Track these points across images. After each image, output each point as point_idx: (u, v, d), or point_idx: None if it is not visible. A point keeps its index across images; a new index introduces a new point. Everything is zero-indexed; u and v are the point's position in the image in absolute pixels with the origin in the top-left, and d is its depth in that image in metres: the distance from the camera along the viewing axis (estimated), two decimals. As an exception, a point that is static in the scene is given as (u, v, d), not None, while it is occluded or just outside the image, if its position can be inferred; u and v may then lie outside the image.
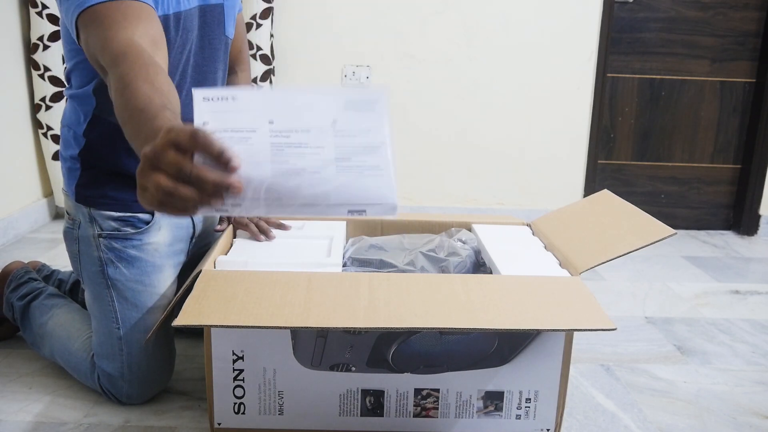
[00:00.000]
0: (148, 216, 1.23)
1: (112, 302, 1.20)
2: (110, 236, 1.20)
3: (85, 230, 1.22)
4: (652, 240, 1.14)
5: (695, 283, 2.04)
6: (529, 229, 1.45)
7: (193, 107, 0.68)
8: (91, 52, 0.96)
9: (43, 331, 1.33)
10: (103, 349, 1.22)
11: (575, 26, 2.42)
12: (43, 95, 2.29)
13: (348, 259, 1.29)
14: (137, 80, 0.82)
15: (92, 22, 0.95)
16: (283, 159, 0.67)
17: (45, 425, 1.18)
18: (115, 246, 1.20)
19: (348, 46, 2.42)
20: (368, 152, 0.69)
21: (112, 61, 0.89)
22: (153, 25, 0.98)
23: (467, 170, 2.56)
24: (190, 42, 1.18)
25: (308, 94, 0.70)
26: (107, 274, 1.20)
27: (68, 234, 1.26)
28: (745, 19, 2.46)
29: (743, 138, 2.57)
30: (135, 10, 0.96)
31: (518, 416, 1.15)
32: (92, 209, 1.21)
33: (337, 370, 1.11)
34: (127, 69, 0.85)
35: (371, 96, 0.70)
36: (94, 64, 0.97)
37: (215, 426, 1.13)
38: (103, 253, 1.21)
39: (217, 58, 1.25)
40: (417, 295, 1.03)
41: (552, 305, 1.02)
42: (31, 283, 1.42)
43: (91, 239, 1.21)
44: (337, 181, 0.68)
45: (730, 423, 1.27)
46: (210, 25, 1.20)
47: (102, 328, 1.21)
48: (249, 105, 0.69)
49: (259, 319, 0.95)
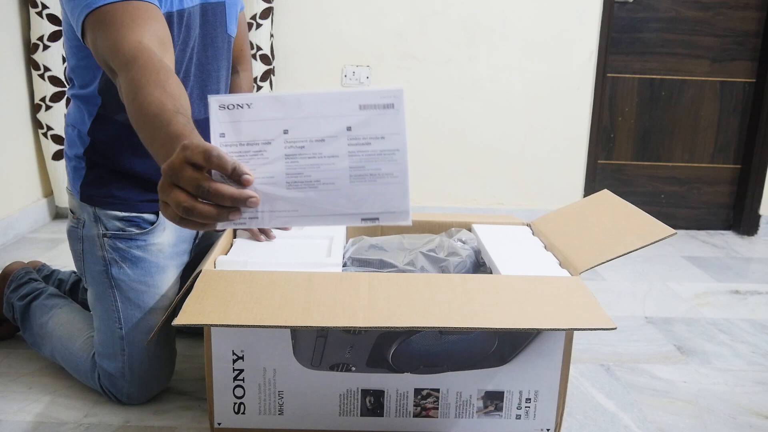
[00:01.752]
0: (153, 217, 1.23)
1: (115, 302, 1.21)
2: (115, 236, 1.20)
3: (89, 229, 1.22)
4: (652, 240, 1.14)
5: (695, 283, 2.04)
6: (529, 229, 1.45)
7: (210, 115, 0.69)
8: (100, 54, 0.96)
9: (44, 331, 1.33)
10: (105, 348, 1.22)
11: (575, 26, 2.42)
12: (43, 95, 2.29)
13: (348, 259, 1.29)
14: (149, 85, 0.84)
15: (100, 24, 0.95)
16: (297, 171, 0.69)
17: (45, 425, 1.18)
18: (120, 246, 1.20)
19: (348, 46, 2.42)
20: (384, 159, 0.70)
21: (123, 65, 0.89)
22: (160, 26, 0.98)
23: (467, 170, 2.56)
24: (193, 40, 1.18)
25: (323, 98, 0.70)
26: (111, 274, 1.20)
27: (72, 233, 1.26)
28: (745, 19, 2.46)
29: (743, 138, 2.57)
30: (142, 10, 0.97)
31: (518, 416, 1.15)
32: (97, 208, 1.21)
33: (337, 370, 1.11)
34: (138, 74, 0.86)
35: (387, 98, 0.69)
36: (103, 65, 0.97)
37: (215, 426, 1.13)
38: (107, 253, 1.21)
39: (220, 56, 1.25)
40: (417, 295, 1.03)
41: (552, 305, 1.02)
42: (31, 283, 1.42)
43: (96, 239, 1.21)
44: (350, 190, 0.69)
45: (730, 423, 1.27)
46: (212, 23, 1.20)
47: (104, 327, 1.21)
48: (264, 113, 0.70)
49: (259, 319, 0.95)
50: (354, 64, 2.44)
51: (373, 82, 2.45)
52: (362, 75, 2.44)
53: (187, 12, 1.13)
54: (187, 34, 1.15)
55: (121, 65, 0.90)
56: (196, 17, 1.16)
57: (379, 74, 2.44)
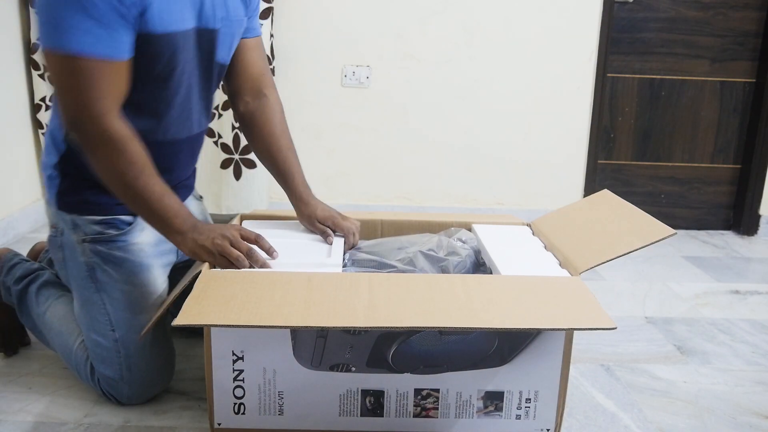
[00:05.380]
0: (130, 218, 1.22)
1: (104, 305, 1.20)
2: (94, 240, 1.20)
3: (68, 237, 1.22)
4: (652, 240, 1.14)
5: (695, 283, 2.04)
6: (529, 229, 1.45)
7: None
8: (64, 98, 1.05)
9: (42, 322, 1.32)
10: (100, 354, 1.21)
11: (575, 26, 2.42)
12: (43, 95, 2.29)
13: (348, 259, 1.29)
14: (130, 171, 1.07)
15: (66, 71, 1.02)
16: None
17: (45, 425, 1.18)
18: (100, 249, 1.20)
19: (348, 46, 2.42)
20: None
21: (90, 139, 1.07)
22: (121, 81, 1.07)
23: (467, 170, 2.56)
24: (189, 63, 1.17)
25: None
26: (95, 277, 1.20)
27: (52, 242, 1.26)
28: (745, 19, 2.46)
29: (743, 138, 2.57)
30: (106, 72, 1.03)
31: (518, 416, 1.15)
32: (74, 216, 1.20)
33: (337, 370, 1.11)
34: (115, 158, 1.07)
35: None
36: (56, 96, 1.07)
37: (215, 426, 1.13)
38: (88, 258, 1.20)
39: (211, 80, 1.25)
40: (417, 295, 1.03)
41: (552, 305, 1.02)
42: (23, 264, 1.40)
43: (76, 245, 1.21)
44: None
45: (730, 423, 1.27)
46: (204, 49, 1.19)
47: (95, 333, 1.20)
48: None
49: (259, 319, 0.95)
50: (354, 64, 2.43)
51: (373, 82, 2.45)
52: (362, 75, 2.44)
53: (180, 35, 1.11)
54: (179, 57, 1.13)
55: (88, 137, 1.07)
56: (189, 40, 1.14)
57: (379, 74, 2.44)
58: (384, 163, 2.53)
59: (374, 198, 2.57)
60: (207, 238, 1.12)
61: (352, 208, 2.53)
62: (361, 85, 2.45)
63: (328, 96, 2.46)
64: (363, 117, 2.48)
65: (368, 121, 2.49)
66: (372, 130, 2.50)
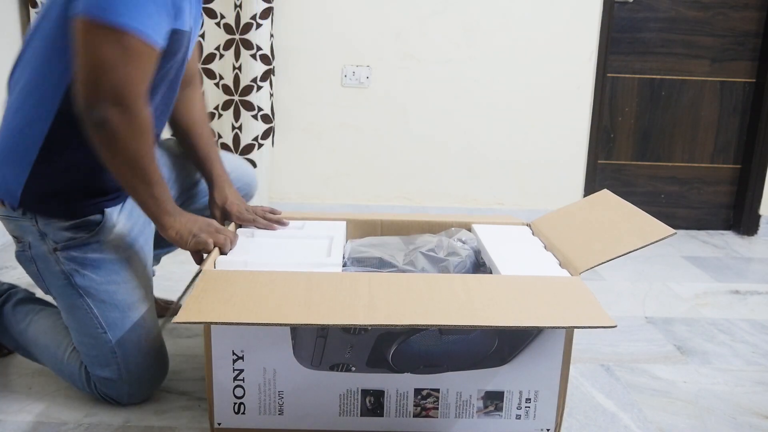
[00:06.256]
0: (99, 216, 1.19)
1: (90, 309, 1.17)
2: (66, 247, 1.16)
3: (38, 248, 1.18)
4: (652, 240, 1.14)
5: (695, 283, 2.04)
6: (529, 229, 1.45)
7: None
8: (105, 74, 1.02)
9: (25, 339, 1.30)
10: (95, 357, 1.19)
11: (575, 26, 2.42)
12: (43, 95, 2.28)
13: (348, 259, 1.29)
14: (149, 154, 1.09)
15: (117, 47, 1.00)
16: None
17: (45, 425, 1.18)
18: (75, 255, 1.17)
19: (348, 46, 2.42)
20: None
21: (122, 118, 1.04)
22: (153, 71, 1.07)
23: (467, 170, 2.56)
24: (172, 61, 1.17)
25: None
26: (76, 284, 1.17)
27: (21, 257, 1.21)
28: (745, 19, 2.46)
29: (743, 138, 2.57)
30: (152, 58, 1.05)
31: (518, 416, 1.15)
32: (39, 220, 1.16)
33: (337, 370, 1.11)
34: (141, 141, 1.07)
35: None
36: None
37: (215, 426, 1.13)
38: (64, 266, 1.17)
39: (179, 81, 1.27)
40: (417, 294, 1.04)
41: (552, 304, 1.03)
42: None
43: (48, 255, 1.17)
44: None
45: (730, 423, 1.27)
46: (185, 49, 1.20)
47: (87, 337, 1.19)
48: None
49: (259, 317, 0.95)
50: (354, 64, 2.44)
51: (372, 82, 2.45)
52: (362, 75, 2.44)
53: (186, 34, 1.14)
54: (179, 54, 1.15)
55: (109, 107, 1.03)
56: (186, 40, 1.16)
57: (379, 74, 2.44)
58: (384, 163, 2.53)
59: (374, 198, 2.57)
60: (194, 224, 1.20)
61: (352, 208, 2.54)
62: (361, 85, 2.45)
63: (328, 96, 2.46)
64: (363, 117, 2.48)
65: (368, 121, 2.49)
66: (372, 130, 2.50)
